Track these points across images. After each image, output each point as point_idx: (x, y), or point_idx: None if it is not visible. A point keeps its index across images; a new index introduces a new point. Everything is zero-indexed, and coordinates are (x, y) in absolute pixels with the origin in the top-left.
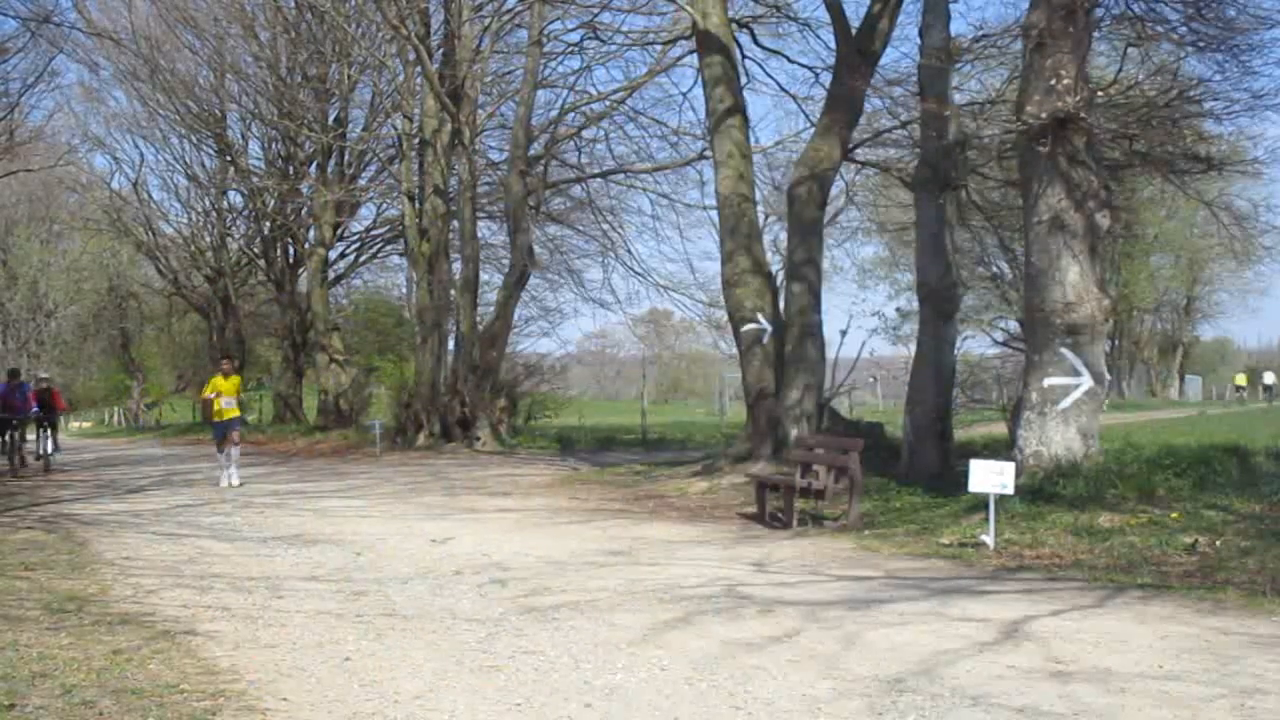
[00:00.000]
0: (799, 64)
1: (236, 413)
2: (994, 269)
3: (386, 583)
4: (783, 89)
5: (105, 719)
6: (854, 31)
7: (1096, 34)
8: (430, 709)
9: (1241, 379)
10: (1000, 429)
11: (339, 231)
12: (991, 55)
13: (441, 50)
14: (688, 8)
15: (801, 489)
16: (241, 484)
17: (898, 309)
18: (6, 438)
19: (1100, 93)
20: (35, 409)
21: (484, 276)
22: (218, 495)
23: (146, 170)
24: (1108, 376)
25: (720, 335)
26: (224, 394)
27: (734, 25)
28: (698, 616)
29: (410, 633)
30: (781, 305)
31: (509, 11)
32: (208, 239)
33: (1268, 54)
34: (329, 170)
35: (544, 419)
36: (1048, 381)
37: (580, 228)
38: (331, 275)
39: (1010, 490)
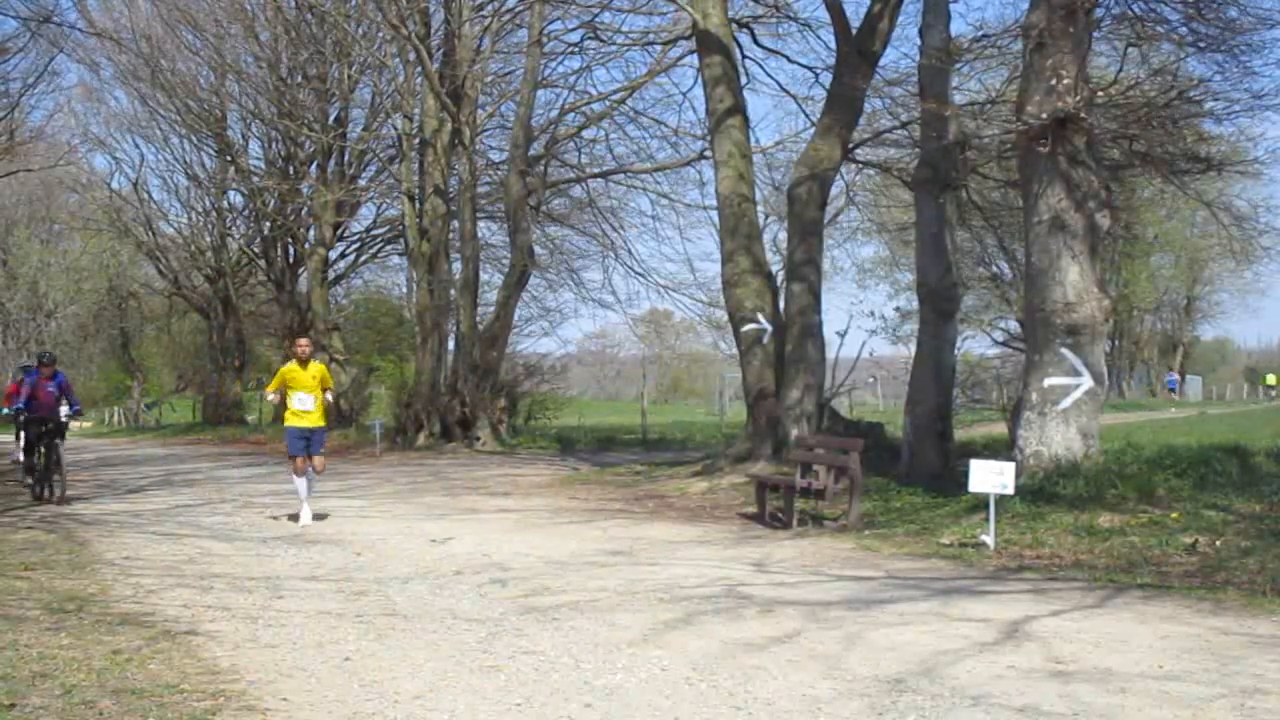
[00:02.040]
0: (799, 64)
1: (321, 421)
2: (994, 269)
3: (387, 583)
4: (783, 89)
5: (105, 719)
6: (854, 31)
7: (1096, 34)
8: (430, 709)
9: (1272, 379)
10: (1000, 429)
11: (339, 231)
12: (991, 55)
13: (441, 50)
14: (688, 8)
15: (801, 489)
16: (323, 517)
17: (897, 309)
18: (40, 448)
19: (1100, 93)
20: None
21: (484, 276)
22: (225, 495)
23: (146, 170)
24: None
25: (720, 335)
26: (301, 390)
27: (734, 25)
28: (698, 617)
29: (410, 633)
30: (781, 305)
31: (509, 11)
32: (208, 239)
33: (1268, 54)
34: (329, 170)
35: (544, 419)
36: (1048, 381)
37: (580, 228)
38: (331, 275)
39: (1010, 490)
